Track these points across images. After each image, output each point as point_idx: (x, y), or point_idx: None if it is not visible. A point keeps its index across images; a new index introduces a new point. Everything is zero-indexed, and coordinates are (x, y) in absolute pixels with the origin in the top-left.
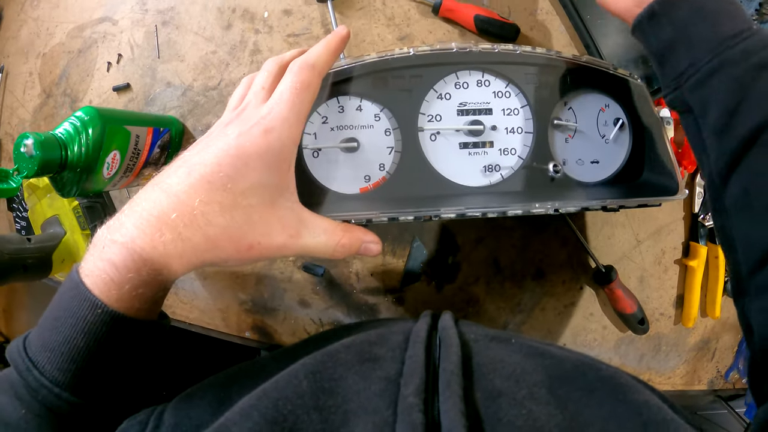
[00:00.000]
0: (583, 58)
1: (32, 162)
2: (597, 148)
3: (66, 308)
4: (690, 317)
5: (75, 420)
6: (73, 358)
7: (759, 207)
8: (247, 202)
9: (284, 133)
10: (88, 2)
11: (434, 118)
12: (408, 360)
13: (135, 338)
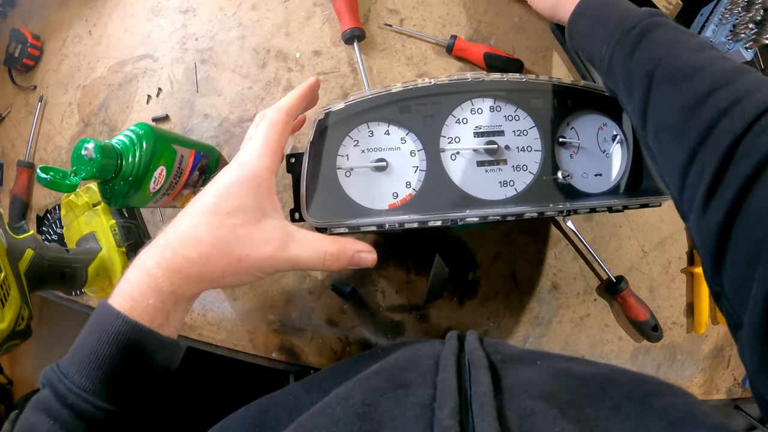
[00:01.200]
0: (580, 83)
1: (91, 165)
2: (599, 162)
3: (93, 325)
4: (701, 323)
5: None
6: (100, 365)
7: (667, 139)
8: (232, 222)
9: (257, 164)
10: (130, 40)
11: (454, 140)
12: (440, 384)
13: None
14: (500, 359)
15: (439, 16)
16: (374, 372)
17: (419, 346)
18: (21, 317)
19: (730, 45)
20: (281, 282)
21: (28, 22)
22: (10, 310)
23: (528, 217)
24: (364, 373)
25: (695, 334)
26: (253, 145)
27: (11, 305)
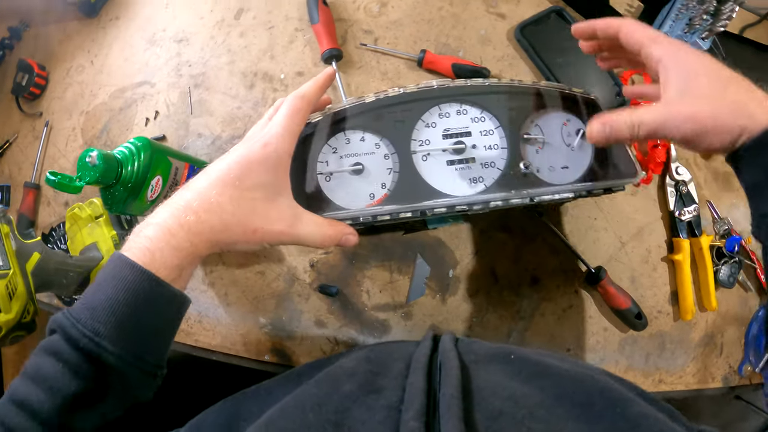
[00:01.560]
0: (541, 82)
1: (94, 171)
2: (565, 155)
3: (108, 275)
4: (687, 310)
5: (107, 377)
6: (113, 311)
7: None
8: (251, 196)
9: (278, 146)
10: (129, 68)
11: (424, 143)
12: (409, 387)
13: (164, 301)
14: (473, 359)
15: (410, 34)
16: (348, 375)
17: (395, 347)
18: (27, 311)
19: (687, 37)
20: (272, 286)
21: (34, 53)
22: (17, 303)
23: (494, 206)
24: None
25: (683, 322)
26: (275, 128)
27: (18, 299)
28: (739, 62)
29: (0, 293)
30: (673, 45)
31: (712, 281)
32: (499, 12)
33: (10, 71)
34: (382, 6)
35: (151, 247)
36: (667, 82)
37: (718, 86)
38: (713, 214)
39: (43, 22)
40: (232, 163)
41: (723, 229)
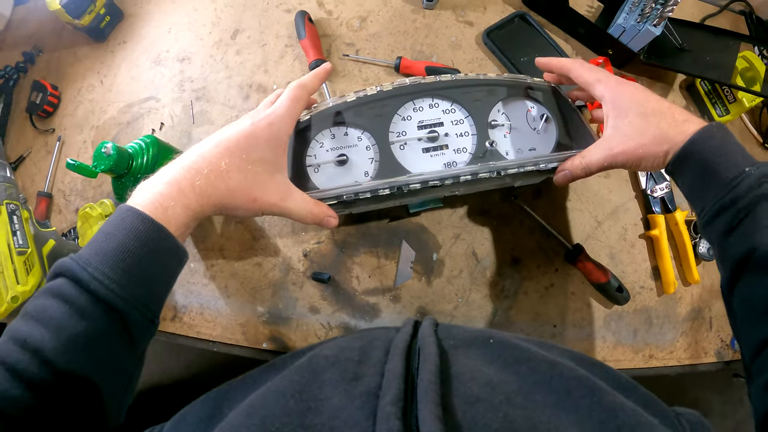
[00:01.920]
0: (504, 75)
1: (108, 160)
2: (531, 138)
3: (119, 224)
4: (669, 283)
5: (113, 320)
6: (124, 258)
7: (753, 314)
8: (255, 169)
9: (281, 126)
10: (136, 86)
11: (401, 134)
12: (387, 373)
13: (170, 254)
14: (452, 344)
15: (388, 44)
16: (330, 363)
17: (376, 333)
18: (41, 286)
19: (640, 26)
20: (268, 276)
21: (47, 75)
22: (33, 278)
23: (464, 180)
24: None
25: (668, 297)
26: (279, 109)
27: (34, 275)
28: (699, 46)
29: (19, 267)
30: (610, 86)
31: (691, 254)
32: (467, 20)
33: (24, 92)
34: (362, 21)
35: (164, 203)
36: (606, 119)
37: (644, 122)
38: None
39: (55, 48)
40: (240, 135)
41: None
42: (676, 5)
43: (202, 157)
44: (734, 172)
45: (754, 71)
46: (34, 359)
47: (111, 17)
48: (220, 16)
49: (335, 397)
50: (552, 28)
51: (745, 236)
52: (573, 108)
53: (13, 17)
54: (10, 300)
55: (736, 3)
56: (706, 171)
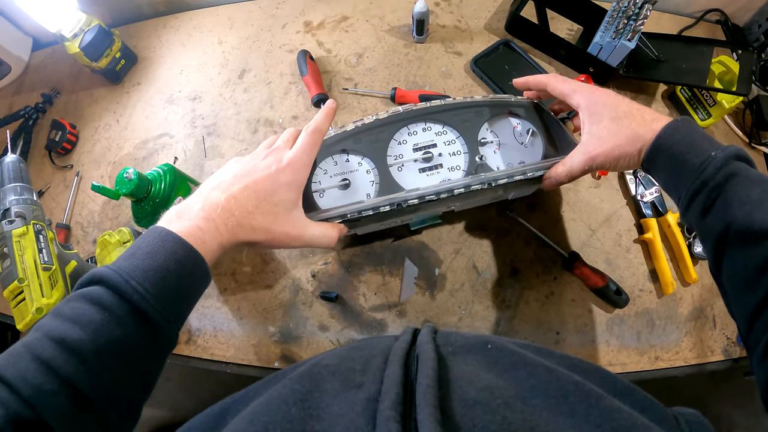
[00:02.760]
0: (490, 96)
1: (129, 185)
2: (519, 152)
3: (160, 246)
4: (667, 284)
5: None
6: (164, 277)
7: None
8: (277, 209)
9: (301, 172)
10: (150, 124)
11: (398, 157)
12: (386, 379)
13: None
14: (450, 351)
15: (383, 77)
16: (331, 373)
17: (375, 342)
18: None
19: (615, 42)
20: (279, 297)
21: (65, 115)
22: (57, 292)
23: (458, 193)
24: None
25: (668, 298)
26: (300, 155)
27: (57, 290)
28: (674, 56)
29: (44, 282)
30: (585, 94)
31: (687, 254)
32: (455, 50)
33: (43, 131)
34: (359, 57)
35: (202, 237)
36: (583, 125)
37: (616, 125)
38: None
39: (72, 90)
40: (266, 179)
41: None
42: (646, 19)
43: (234, 198)
44: (701, 157)
45: (730, 74)
46: (71, 357)
47: (126, 61)
48: (228, 57)
49: (336, 404)
50: (535, 52)
51: (719, 214)
52: (556, 120)
53: (31, 61)
54: (35, 311)
55: (712, 13)
56: (676, 161)
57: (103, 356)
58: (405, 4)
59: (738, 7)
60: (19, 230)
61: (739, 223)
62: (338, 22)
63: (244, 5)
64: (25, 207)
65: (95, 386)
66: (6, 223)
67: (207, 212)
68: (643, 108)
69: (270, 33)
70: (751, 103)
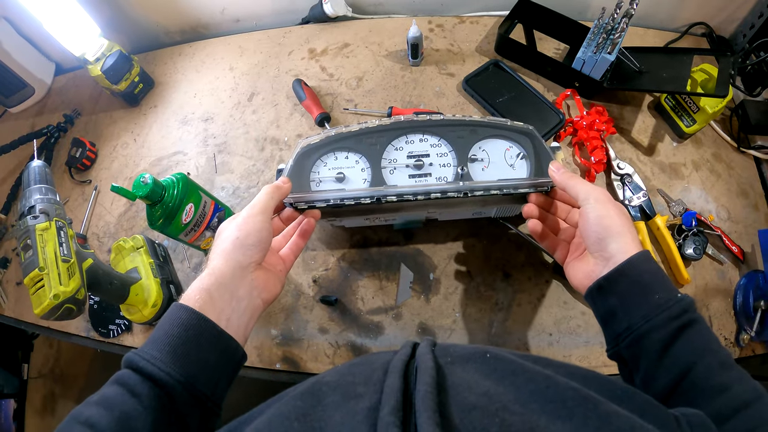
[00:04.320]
0: (485, 117)
1: (145, 188)
2: (506, 173)
3: (167, 317)
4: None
5: (160, 399)
6: (169, 342)
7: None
8: (245, 260)
9: (258, 218)
10: (165, 143)
11: (392, 161)
12: (386, 388)
13: (210, 337)
14: (449, 361)
15: (382, 98)
16: (332, 387)
17: (374, 357)
18: (79, 291)
19: (597, 56)
20: (281, 301)
21: (85, 134)
22: (74, 282)
23: (435, 197)
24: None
25: None
26: (254, 207)
27: (74, 280)
28: (655, 66)
29: (62, 271)
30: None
31: (678, 256)
32: (448, 72)
33: (64, 149)
34: (358, 80)
35: (196, 297)
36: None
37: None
38: (666, 199)
39: (92, 111)
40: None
41: (678, 210)
42: (624, 32)
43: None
44: (669, 294)
45: (713, 80)
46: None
47: (144, 85)
48: (238, 82)
49: (337, 415)
50: (523, 70)
51: (679, 357)
52: (546, 149)
53: (53, 85)
54: (53, 297)
55: (697, 27)
56: (639, 289)
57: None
58: (401, 31)
59: (722, 19)
60: (43, 225)
61: (699, 371)
62: (340, 49)
63: (254, 35)
64: (49, 206)
65: None
66: (31, 218)
67: (201, 281)
68: (633, 229)
69: (277, 59)
70: (737, 109)
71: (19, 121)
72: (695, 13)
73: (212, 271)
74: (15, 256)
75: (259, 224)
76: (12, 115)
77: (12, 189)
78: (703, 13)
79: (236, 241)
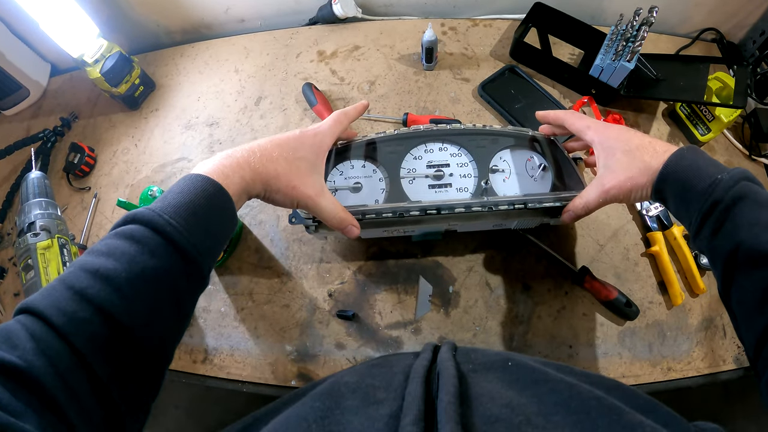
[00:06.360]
0: (507, 127)
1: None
2: (528, 184)
3: (188, 185)
4: (676, 295)
5: (177, 262)
6: (195, 212)
7: (747, 312)
8: (298, 164)
9: (324, 138)
10: (168, 149)
11: (411, 171)
12: (407, 395)
13: (229, 214)
14: (471, 368)
15: (395, 103)
16: (351, 390)
17: (395, 360)
18: None
19: (615, 64)
20: (296, 316)
21: (83, 139)
22: None
23: (459, 211)
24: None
25: (678, 309)
26: (324, 126)
27: None
28: (672, 74)
29: None
30: (599, 130)
31: (694, 265)
32: (463, 77)
33: (61, 154)
34: (371, 85)
35: (225, 171)
36: (598, 159)
37: (629, 158)
38: None
39: (90, 114)
40: (291, 137)
41: None
42: (643, 40)
43: (258, 145)
44: (707, 181)
45: (727, 89)
46: (105, 286)
47: (144, 87)
48: (244, 85)
49: (356, 420)
50: (539, 76)
51: (728, 236)
52: (568, 159)
53: (49, 87)
54: None
55: (708, 32)
56: (683, 188)
57: (137, 284)
58: (414, 34)
59: (732, 25)
60: (44, 243)
61: (748, 245)
62: (350, 51)
63: (259, 35)
64: (50, 221)
65: (130, 314)
66: (31, 236)
67: (230, 154)
68: (656, 140)
69: (285, 62)
70: (749, 117)
71: (13, 124)
72: (706, 18)
73: (241, 151)
74: (12, 266)
75: (318, 142)
76: (6, 118)
77: (8, 196)
78: (713, 19)
79: (285, 147)
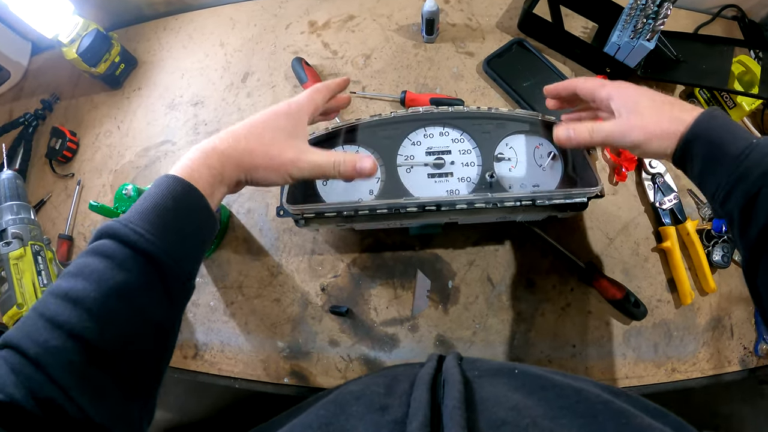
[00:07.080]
0: (515, 111)
1: (129, 201)
2: (536, 174)
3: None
4: (685, 294)
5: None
6: (160, 214)
7: None
8: (273, 134)
9: (300, 106)
10: (152, 131)
11: (408, 158)
12: (413, 402)
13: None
14: (476, 375)
15: (392, 80)
16: (356, 397)
17: (400, 369)
18: None
19: (634, 42)
20: (287, 312)
21: (65, 122)
22: None
23: (460, 208)
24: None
25: (686, 308)
26: (301, 96)
27: None
28: (694, 56)
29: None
30: (616, 84)
31: (705, 263)
32: (467, 51)
33: (43, 138)
34: (366, 59)
35: (191, 166)
36: (618, 109)
37: (657, 105)
38: (696, 200)
39: (72, 95)
40: (264, 112)
41: (708, 213)
42: (666, 18)
43: (230, 129)
44: (743, 144)
45: (750, 74)
46: (75, 309)
47: (125, 65)
48: (230, 60)
49: (361, 426)
50: (549, 51)
51: (765, 205)
52: (581, 149)
53: (30, 67)
54: None
55: (729, 9)
56: (715, 147)
57: (108, 303)
58: (413, 2)
59: (755, 3)
60: (17, 252)
61: None
62: (344, 22)
63: (246, 5)
64: (23, 227)
65: (104, 336)
66: (3, 245)
67: (198, 146)
68: (679, 100)
69: (273, 34)
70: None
71: None
72: None
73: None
74: None
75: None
76: None
77: None
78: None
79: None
